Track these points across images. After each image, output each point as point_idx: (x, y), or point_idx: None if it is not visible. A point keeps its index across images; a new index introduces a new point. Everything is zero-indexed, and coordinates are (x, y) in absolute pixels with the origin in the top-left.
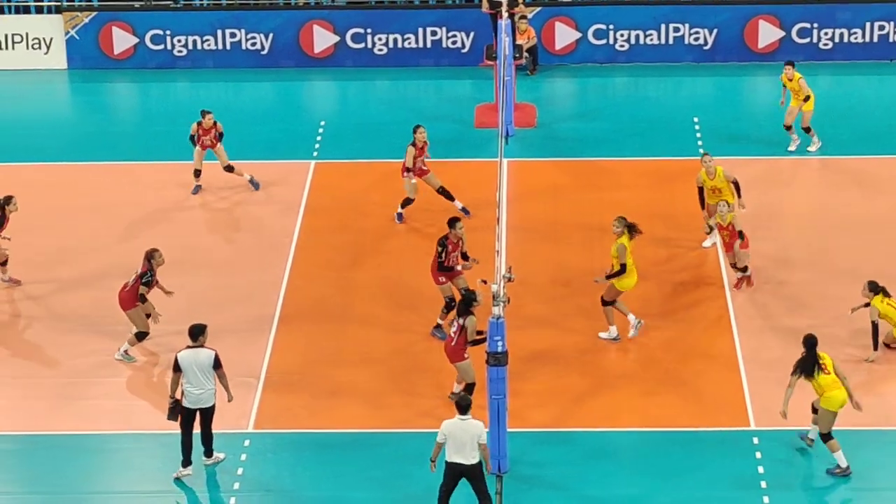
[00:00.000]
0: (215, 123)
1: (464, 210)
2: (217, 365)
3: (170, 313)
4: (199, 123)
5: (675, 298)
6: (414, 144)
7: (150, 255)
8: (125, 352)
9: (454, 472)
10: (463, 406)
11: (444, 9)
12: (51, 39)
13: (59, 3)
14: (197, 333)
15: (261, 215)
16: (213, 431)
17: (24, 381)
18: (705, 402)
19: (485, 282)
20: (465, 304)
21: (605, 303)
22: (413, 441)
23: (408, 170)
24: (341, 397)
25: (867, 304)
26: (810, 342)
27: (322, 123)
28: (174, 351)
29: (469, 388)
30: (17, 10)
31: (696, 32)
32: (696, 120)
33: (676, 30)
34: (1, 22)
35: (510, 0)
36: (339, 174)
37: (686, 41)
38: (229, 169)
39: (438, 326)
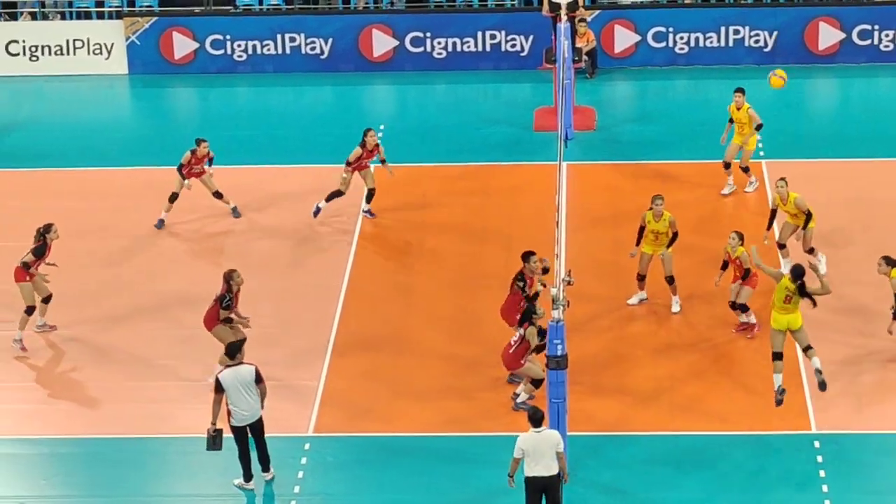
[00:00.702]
0: (208, 152)
1: (368, 213)
2: (259, 379)
3: None
4: (193, 152)
5: None
6: (364, 146)
7: (229, 276)
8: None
9: (537, 487)
10: (536, 419)
11: (504, 12)
12: (112, 45)
13: (119, 9)
14: (234, 351)
15: (319, 220)
16: (274, 435)
17: (85, 384)
18: (766, 405)
19: (544, 285)
20: (526, 316)
21: (670, 280)
22: (474, 444)
23: (348, 163)
24: (402, 400)
25: None
26: (796, 272)
27: (381, 127)
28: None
29: (536, 383)
30: (79, 16)
31: (756, 34)
32: None
33: (736, 32)
34: (62, 27)
35: (570, 3)
36: (399, 178)
37: (746, 43)
38: (218, 195)
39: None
